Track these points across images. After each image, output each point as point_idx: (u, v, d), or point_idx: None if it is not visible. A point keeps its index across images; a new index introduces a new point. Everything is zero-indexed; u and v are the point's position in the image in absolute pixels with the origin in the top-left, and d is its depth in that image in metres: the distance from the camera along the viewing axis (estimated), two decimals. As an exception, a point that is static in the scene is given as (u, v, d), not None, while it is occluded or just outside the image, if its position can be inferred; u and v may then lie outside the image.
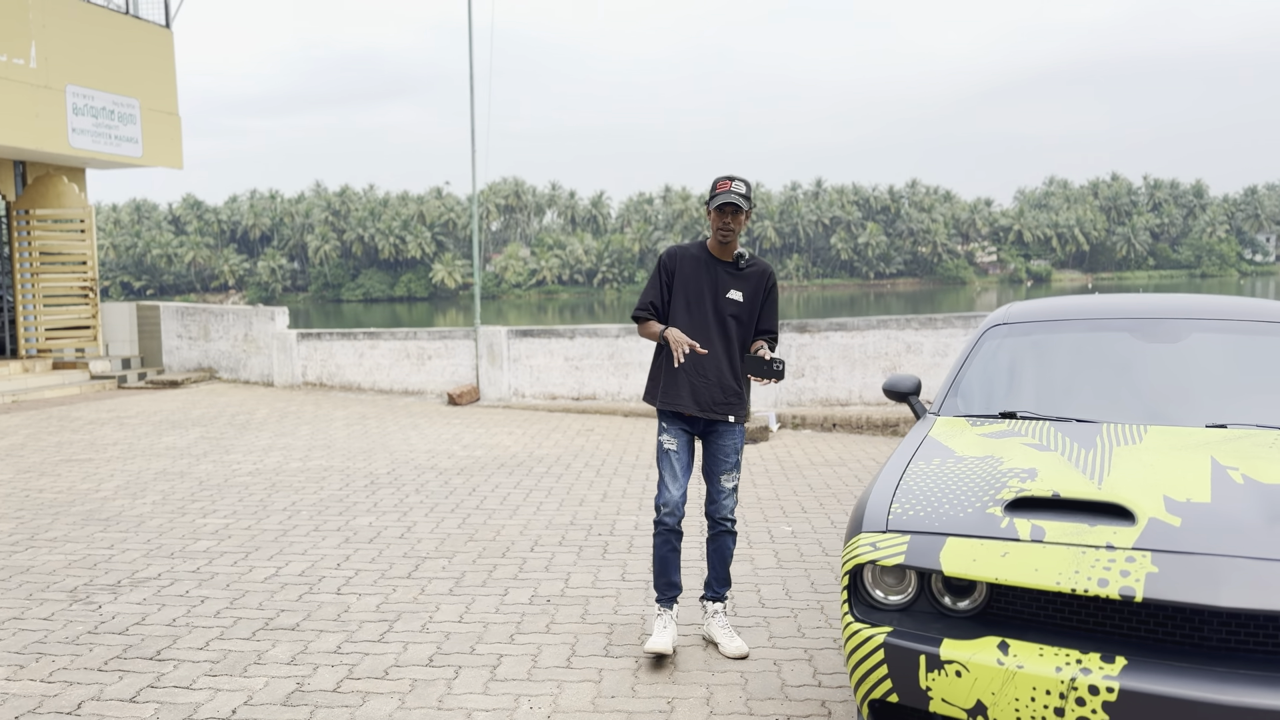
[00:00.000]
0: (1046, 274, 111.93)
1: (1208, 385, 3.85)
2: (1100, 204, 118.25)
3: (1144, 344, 4.11)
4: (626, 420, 10.61)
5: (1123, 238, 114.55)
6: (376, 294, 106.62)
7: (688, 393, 4.09)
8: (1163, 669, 2.43)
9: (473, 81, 12.45)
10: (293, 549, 5.61)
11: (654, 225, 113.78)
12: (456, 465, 8.13)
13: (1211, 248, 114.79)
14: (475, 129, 12.63)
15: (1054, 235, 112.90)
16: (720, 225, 4.05)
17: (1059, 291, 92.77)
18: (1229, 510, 2.69)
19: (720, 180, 4.06)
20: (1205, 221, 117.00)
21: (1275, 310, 4.23)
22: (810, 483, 7.34)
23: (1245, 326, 4.10)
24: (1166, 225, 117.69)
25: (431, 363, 12.70)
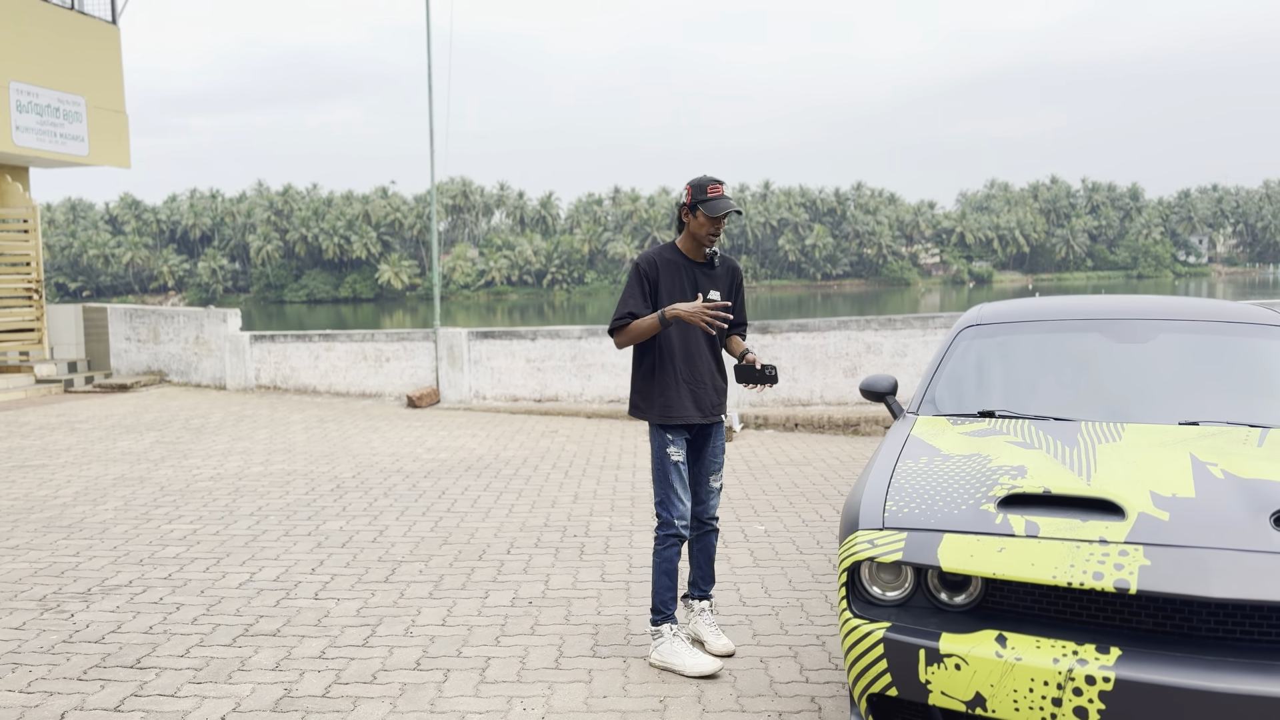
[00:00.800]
0: (988, 275, 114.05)
1: (1178, 384, 3.98)
2: (1040, 206, 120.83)
3: (1115, 344, 4.24)
4: (590, 422, 10.62)
5: (1062, 239, 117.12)
6: (321, 295, 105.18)
7: (691, 402, 4.04)
8: (1156, 658, 2.52)
9: (431, 79, 12.37)
10: (265, 554, 5.54)
11: (603, 226, 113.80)
12: (422, 468, 8.08)
13: (1147, 249, 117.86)
14: (434, 128, 12.54)
15: (995, 237, 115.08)
16: (713, 230, 4.00)
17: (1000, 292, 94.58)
18: (1213, 505, 2.80)
19: (711, 183, 3.96)
20: (1141, 224, 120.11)
21: (1238, 311, 4.39)
22: (778, 482, 7.42)
23: (1211, 327, 4.25)
24: (1104, 227, 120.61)
25: (390, 365, 12.59)
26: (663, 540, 4.03)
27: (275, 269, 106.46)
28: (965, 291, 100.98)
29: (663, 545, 4.03)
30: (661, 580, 4.02)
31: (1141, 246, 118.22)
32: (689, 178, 4.06)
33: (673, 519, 4.01)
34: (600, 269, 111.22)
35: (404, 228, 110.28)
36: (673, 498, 4.02)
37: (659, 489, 4.05)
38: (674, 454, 4.02)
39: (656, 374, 4.04)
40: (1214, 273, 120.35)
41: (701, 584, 4.25)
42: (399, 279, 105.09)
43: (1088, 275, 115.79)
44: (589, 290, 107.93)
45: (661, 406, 4.02)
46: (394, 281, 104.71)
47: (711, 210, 3.95)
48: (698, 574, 4.25)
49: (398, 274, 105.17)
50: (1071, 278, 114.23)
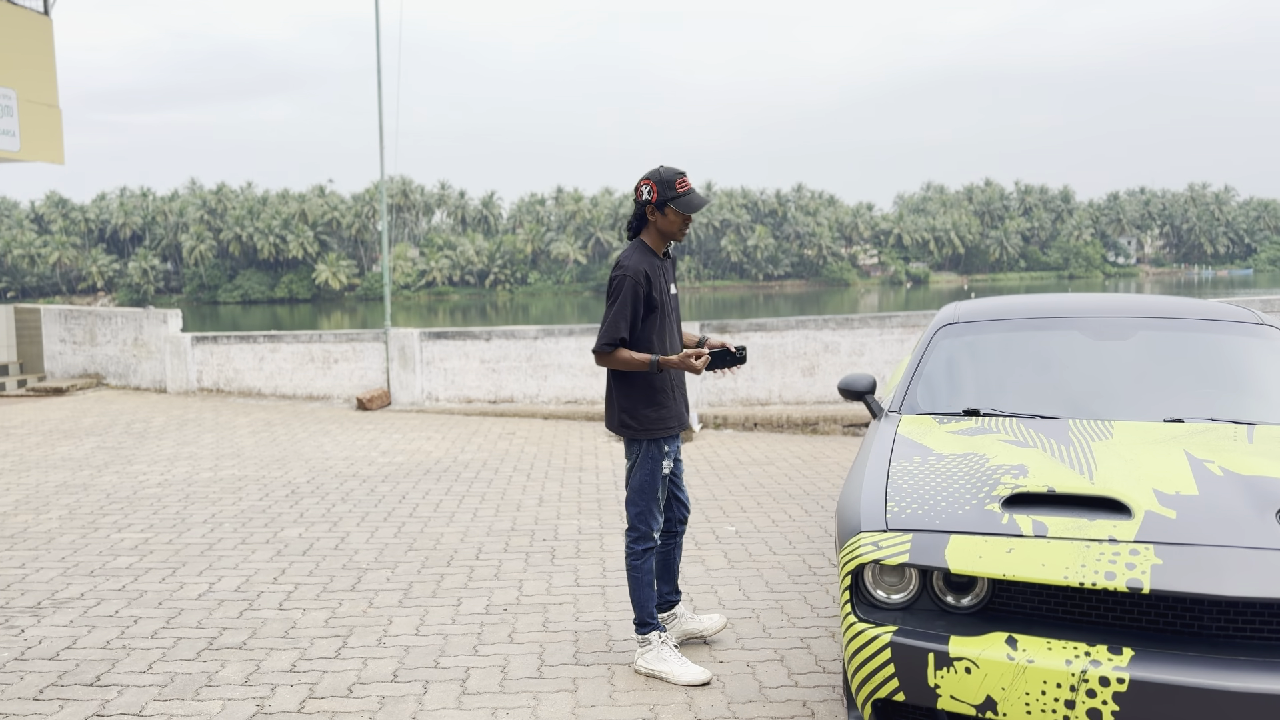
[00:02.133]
0: (925, 276, 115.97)
1: (1159, 382, 4.00)
2: (975, 208, 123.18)
3: (1094, 342, 4.26)
4: (547, 423, 10.49)
5: (996, 241, 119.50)
6: (256, 295, 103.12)
7: (684, 408, 4.01)
8: (1169, 658, 2.50)
9: (380, 77, 12.13)
10: (223, 564, 5.34)
11: (546, 226, 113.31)
12: (379, 472, 7.89)
13: (1078, 250, 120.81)
14: (383, 126, 12.30)
15: (931, 238, 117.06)
16: (682, 226, 3.88)
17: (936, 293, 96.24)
18: (1217, 502, 2.79)
19: (678, 178, 3.81)
20: (1072, 226, 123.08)
21: (1210, 309, 4.44)
22: (743, 483, 7.38)
23: (1185, 324, 4.29)
24: (1036, 229, 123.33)
25: (338, 366, 12.31)
26: (642, 555, 3.92)
27: (209, 269, 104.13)
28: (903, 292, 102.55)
29: (640, 559, 3.92)
30: (643, 592, 3.92)
31: (1073, 248, 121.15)
32: (643, 172, 3.85)
33: (651, 531, 3.93)
34: (543, 269, 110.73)
35: (342, 227, 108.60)
36: (655, 511, 3.93)
37: (642, 502, 3.91)
38: (666, 467, 3.93)
39: (655, 388, 3.88)
40: (1142, 273, 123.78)
41: (677, 585, 4.21)
42: (337, 279, 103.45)
43: (1021, 276, 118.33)
44: (532, 290, 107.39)
45: (664, 419, 3.89)
46: (332, 282, 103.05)
47: (685, 207, 3.81)
48: (675, 577, 4.20)
49: (336, 274, 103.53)
50: (1005, 278, 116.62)
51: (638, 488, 3.91)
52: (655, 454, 3.89)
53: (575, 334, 11.09)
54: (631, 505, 3.93)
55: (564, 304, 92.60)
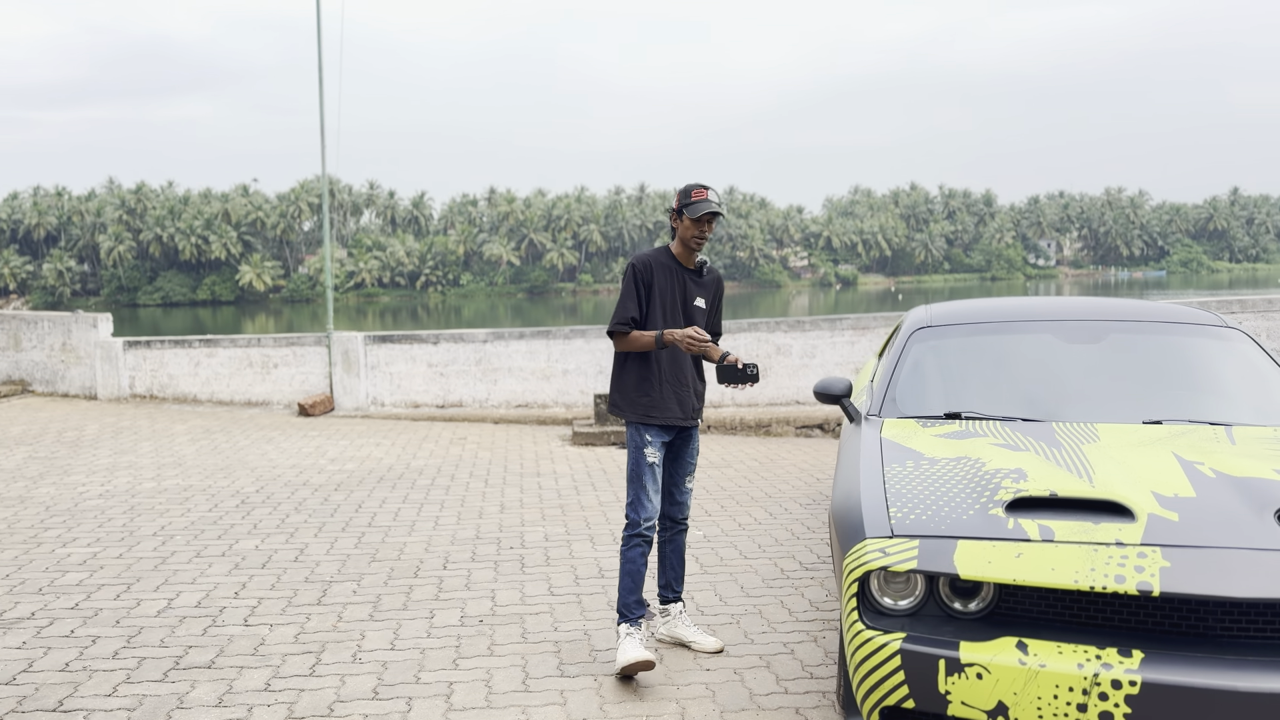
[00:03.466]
0: (853, 278, 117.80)
1: (1133, 384, 4.08)
2: (901, 212, 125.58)
3: (1068, 345, 4.33)
4: (498, 428, 10.36)
5: (921, 244, 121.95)
6: (177, 298, 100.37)
7: (675, 403, 4.06)
8: (1179, 660, 2.53)
9: (321, 75, 11.86)
10: (179, 578, 5.14)
11: (479, 227, 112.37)
12: (331, 480, 7.70)
13: (1000, 253, 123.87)
14: (324, 125, 12.03)
15: (860, 241, 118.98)
16: (698, 234, 4.02)
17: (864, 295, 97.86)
18: (1216, 504, 2.84)
19: (696, 188, 4.01)
20: (994, 228, 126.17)
21: (1174, 312, 4.55)
22: (704, 486, 7.36)
23: (1152, 327, 4.38)
24: (960, 232, 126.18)
25: (278, 371, 12.01)
26: (628, 541, 4.02)
27: (128, 271, 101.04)
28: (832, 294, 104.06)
29: (628, 546, 4.02)
30: (625, 581, 3.99)
31: (995, 250, 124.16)
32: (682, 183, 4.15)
33: (640, 520, 4.00)
34: (476, 271, 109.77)
35: (267, 227, 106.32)
36: (643, 498, 4.01)
37: (631, 489, 4.03)
38: (650, 455, 4.03)
39: (642, 374, 4.04)
40: (1061, 275, 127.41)
41: (675, 585, 4.24)
42: (261, 280, 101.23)
43: (945, 278, 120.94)
44: (465, 292, 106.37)
45: (645, 406, 4.03)
46: (256, 283, 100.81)
47: (692, 213, 4.00)
48: (670, 575, 4.24)
49: (260, 275, 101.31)
50: (930, 280, 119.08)
51: (628, 473, 4.09)
52: (638, 439, 4.02)
53: (526, 337, 10.98)
54: (627, 493, 4.08)
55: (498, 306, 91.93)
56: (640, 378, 4.02)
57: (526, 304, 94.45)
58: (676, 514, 4.21)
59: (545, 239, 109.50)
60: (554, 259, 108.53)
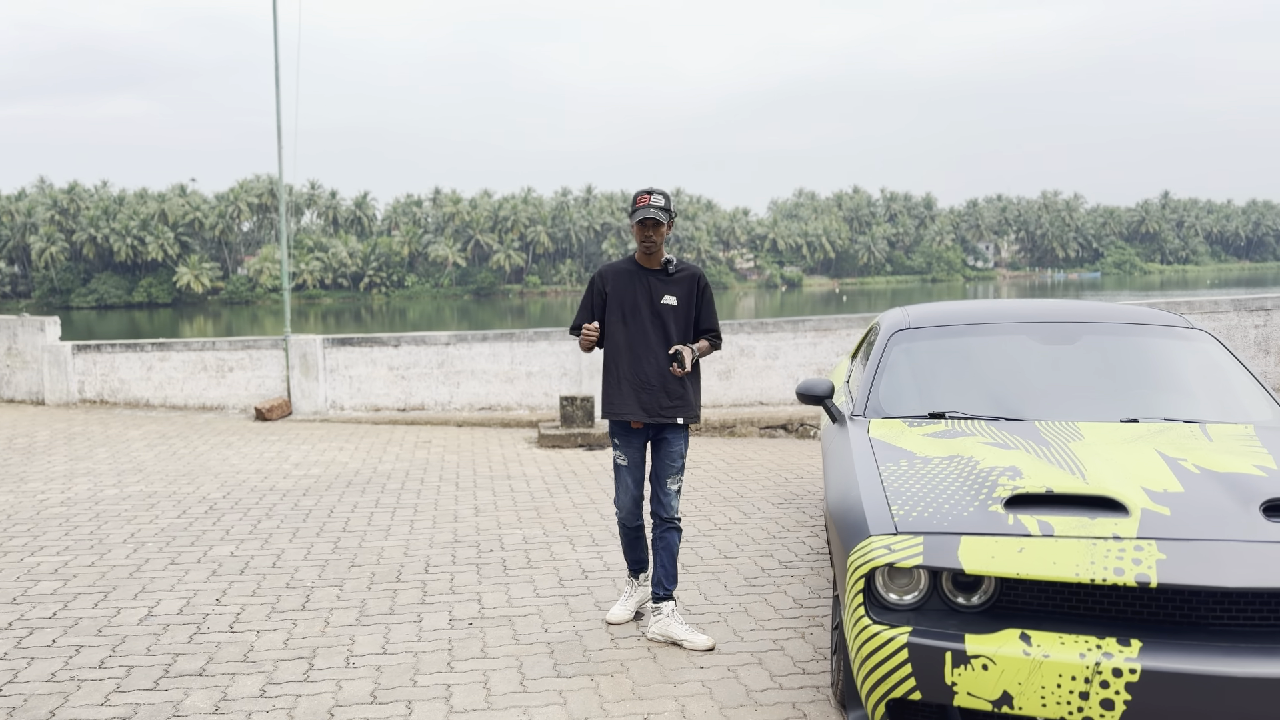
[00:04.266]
0: (798, 280, 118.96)
1: (1108, 383, 4.23)
2: (844, 214, 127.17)
3: (1044, 346, 4.47)
4: (462, 431, 10.33)
5: (864, 246, 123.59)
6: (112, 300, 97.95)
7: (634, 402, 4.24)
8: (1175, 648, 2.65)
9: (278, 73, 11.71)
10: (157, 586, 5.07)
11: (424, 228, 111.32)
12: (298, 485, 7.62)
13: (940, 255, 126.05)
14: (281, 125, 11.88)
15: (804, 243, 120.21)
16: (643, 238, 4.22)
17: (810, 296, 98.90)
18: (1204, 498, 2.97)
19: (640, 195, 4.22)
20: (935, 231, 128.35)
21: (1143, 314, 4.72)
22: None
23: (1124, 329, 4.55)
24: (901, 234, 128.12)
25: (234, 375, 11.83)
26: (619, 526, 4.49)
27: (60, 272, 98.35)
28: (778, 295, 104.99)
29: (619, 529, 4.51)
30: (623, 548, 4.55)
31: (935, 252, 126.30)
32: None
33: (618, 510, 4.43)
34: (421, 272, 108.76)
35: (205, 228, 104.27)
36: (620, 492, 4.39)
37: (614, 480, 4.45)
38: (619, 457, 4.39)
39: (607, 374, 4.33)
40: (999, 276, 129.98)
41: (665, 583, 4.32)
42: (200, 282, 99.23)
43: (887, 280, 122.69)
44: (410, 294, 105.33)
45: (606, 403, 4.33)
46: (194, 285, 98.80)
47: (634, 219, 4.23)
48: (660, 572, 4.33)
49: (199, 277, 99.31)
50: (873, 282, 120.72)
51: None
52: (611, 438, 4.41)
53: (489, 340, 10.95)
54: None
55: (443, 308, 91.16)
56: (605, 377, 4.32)
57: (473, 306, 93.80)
58: (661, 512, 4.34)
59: (492, 240, 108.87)
60: (501, 260, 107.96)
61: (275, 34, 11.51)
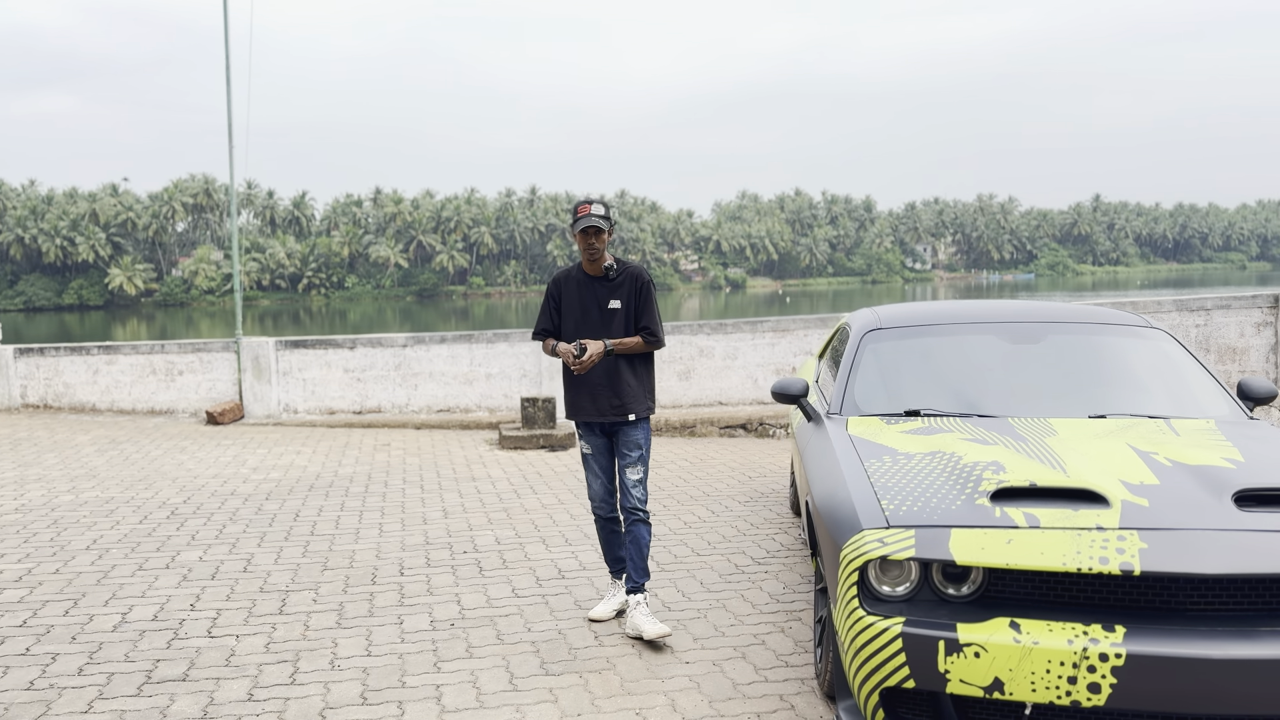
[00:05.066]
0: (742, 281, 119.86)
1: (1075, 381, 4.39)
2: (786, 217, 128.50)
3: (1011, 345, 4.61)
4: (421, 433, 10.27)
5: (806, 248, 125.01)
6: (41, 302, 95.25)
7: (589, 402, 4.45)
8: (1157, 633, 2.77)
9: (229, 70, 11.53)
10: (127, 592, 4.99)
11: (364, 229, 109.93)
12: (259, 490, 7.53)
13: (880, 257, 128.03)
14: (232, 124, 11.69)
15: (748, 245, 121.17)
16: (585, 246, 4.37)
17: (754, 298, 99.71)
18: (1179, 490, 3.11)
19: (580, 205, 4.38)
20: (874, 233, 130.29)
21: (1103, 314, 4.89)
22: (642, 487, 7.48)
23: (1085, 328, 4.71)
24: (842, 237, 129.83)
25: (183, 378, 11.62)
26: (594, 518, 4.65)
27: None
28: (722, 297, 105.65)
29: (595, 523, 4.68)
30: (601, 545, 4.70)
31: (875, 254, 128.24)
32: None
33: (592, 504, 4.62)
34: (362, 273, 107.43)
35: (138, 228, 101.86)
36: (589, 482, 4.60)
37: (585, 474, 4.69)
38: (583, 447, 4.58)
39: (566, 377, 4.54)
40: (937, 278, 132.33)
41: (635, 575, 4.42)
42: (133, 284, 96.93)
43: (829, 281, 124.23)
44: (350, 295, 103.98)
45: (569, 405, 4.55)
46: (127, 287, 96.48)
47: (574, 228, 4.38)
48: (629, 565, 4.43)
49: (131, 279, 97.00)
50: (815, 283, 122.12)
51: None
52: (578, 434, 4.59)
53: (447, 342, 10.91)
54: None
55: (385, 309, 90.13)
56: (567, 382, 4.52)
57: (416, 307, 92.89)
58: (625, 503, 4.47)
59: (435, 241, 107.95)
60: (444, 261, 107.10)
61: (226, 33, 11.33)
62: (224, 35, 11.25)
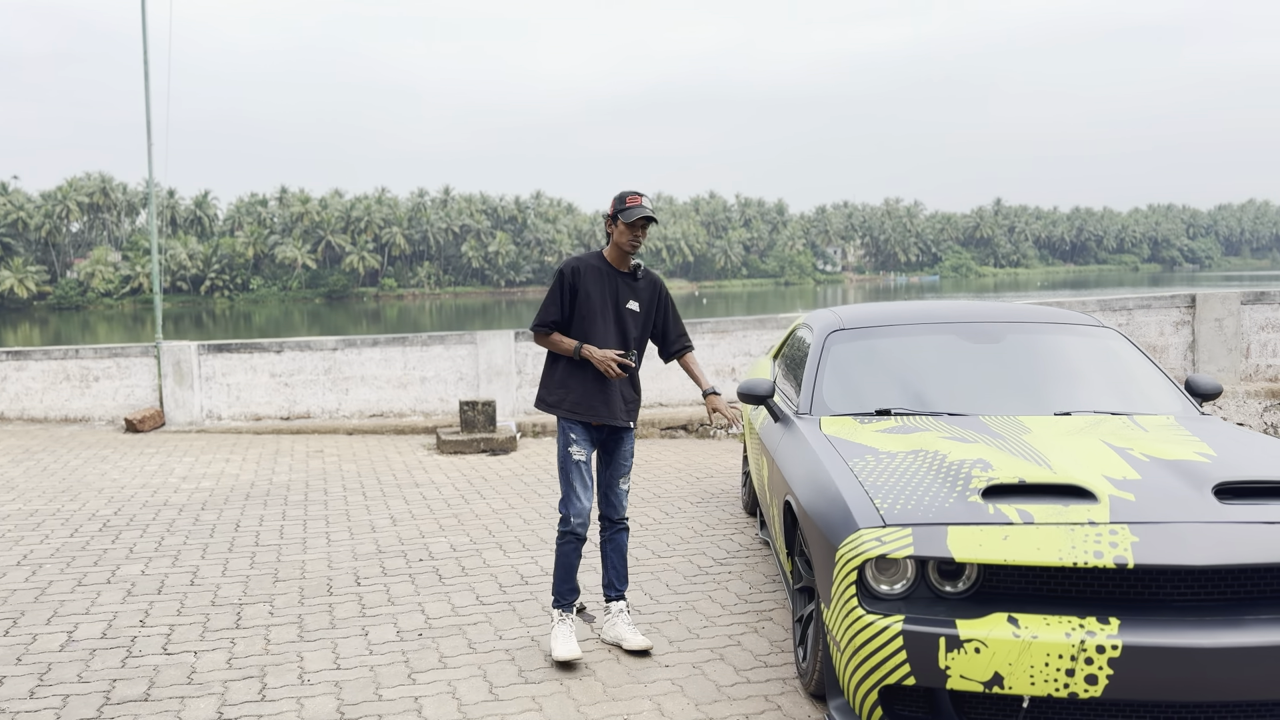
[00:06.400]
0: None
1: (1036, 379, 4.49)
2: (702, 219, 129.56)
3: (972, 344, 4.71)
4: (354, 439, 10.02)
5: (721, 250, 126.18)
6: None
7: (602, 403, 4.17)
8: (1149, 624, 2.85)
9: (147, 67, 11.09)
10: (69, 609, 4.75)
11: (270, 229, 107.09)
12: (193, 499, 7.25)
13: (792, 259, 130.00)
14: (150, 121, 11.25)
15: (664, 247, 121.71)
16: (632, 238, 4.14)
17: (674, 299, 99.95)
18: (1161, 484, 3.21)
19: (630, 194, 4.16)
20: (787, 236, 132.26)
21: (1057, 314, 5.03)
22: (591, 490, 7.43)
23: (1044, 328, 4.84)
24: (756, 239, 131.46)
25: (99, 385, 11.14)
26: (562, 537, 4.17)
27: None
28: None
29: (562, 542, 4.17)
30: (558, 571, 4.18)
31: (787, 257, 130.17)
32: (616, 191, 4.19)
33: (570, 516, 4.15)
34: (268, 275, 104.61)
35: (29, 229, 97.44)
36: (572, 496, 4.14)
37: (561, 485, 4.19)
38: (575, 452, 4.15)
39: (570, 372, 4.16)
40: (847, 280, 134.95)
41: (617, 584, 4.32)
42: (24, 287, 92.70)
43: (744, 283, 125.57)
44: (255, 297, 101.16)
45: (572, 402, 4.16)
46: (18, 290, 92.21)
47: (626, 217, 4.11)
48: (612, 574, 4.32)
49: (22, 281, 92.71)
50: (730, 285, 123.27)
51: (558, 469, 4.24)
52: (565, 435, 4.18)
53: (380, 345, 10.68)
54: (560, 488, 4.29)
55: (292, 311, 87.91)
56: (568, 374, 4.16)
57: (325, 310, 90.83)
58: (612, 514, 4.30)
59: (344, 241, 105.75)
60: (354, 262, 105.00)
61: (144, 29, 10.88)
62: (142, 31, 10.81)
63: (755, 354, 10.33)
